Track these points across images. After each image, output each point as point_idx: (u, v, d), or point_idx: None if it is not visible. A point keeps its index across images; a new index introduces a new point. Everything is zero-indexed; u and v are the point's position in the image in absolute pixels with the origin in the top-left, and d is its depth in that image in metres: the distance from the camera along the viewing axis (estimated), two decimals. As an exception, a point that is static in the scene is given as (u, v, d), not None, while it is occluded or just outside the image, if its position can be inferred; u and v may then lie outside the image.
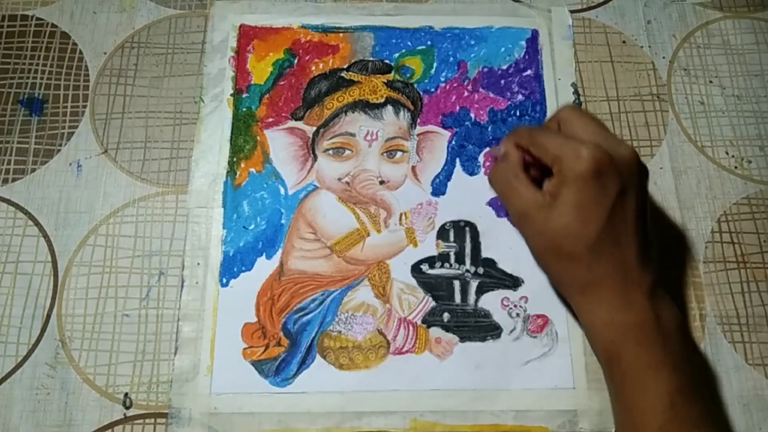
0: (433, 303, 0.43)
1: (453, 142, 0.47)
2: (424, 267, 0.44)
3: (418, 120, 0.47)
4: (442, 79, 0.49)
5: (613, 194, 0.35)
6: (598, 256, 0.36)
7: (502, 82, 0.49)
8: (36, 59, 0.49)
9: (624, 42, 0.50)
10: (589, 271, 0.36)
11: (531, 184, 0.38)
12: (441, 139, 0.47)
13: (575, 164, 0.35)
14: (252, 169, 0.46)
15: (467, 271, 0.44)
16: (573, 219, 0.36)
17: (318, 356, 0.42)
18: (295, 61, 0.49)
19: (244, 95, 0.48)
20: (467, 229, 0.45)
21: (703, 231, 0.45)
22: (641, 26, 0.51)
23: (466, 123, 0.48)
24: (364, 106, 0.48)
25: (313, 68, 0.49)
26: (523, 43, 0.50)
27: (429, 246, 0.44)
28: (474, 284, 0.43)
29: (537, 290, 0.43)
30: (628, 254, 0.36)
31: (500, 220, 0.45)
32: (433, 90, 0.48)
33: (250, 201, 0.45)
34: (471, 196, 0.45)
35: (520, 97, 0.48)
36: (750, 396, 0.41)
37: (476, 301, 0.43)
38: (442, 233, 0.45)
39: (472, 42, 0.50)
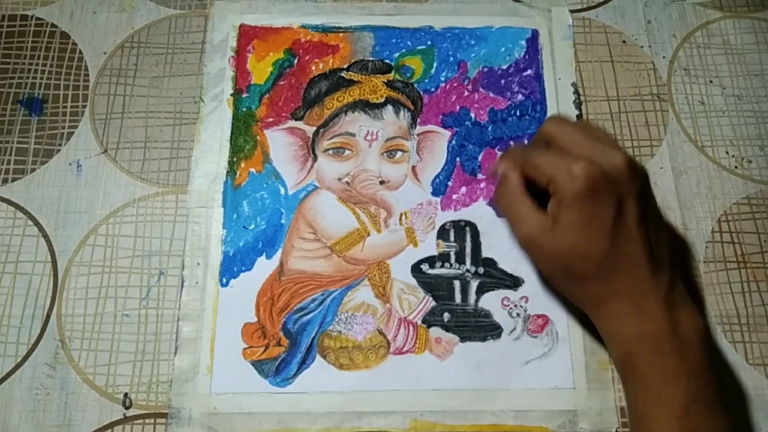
0: (434, 303, 0.43)
1: (453, 142, 0.47)
2: (425, 267, 0.44)
3: (418, 120, 0.47)
4: (442, 79, 0.49)
5: (613, 207, 0.35)
6: (609, 271, 0.35)
7: (502, 81, 0.49)
8: (36, 59, 0.49)
9: (624, 42, 0.50)
10: (602, 286, 0.36)
11: (533, 207, 0.37)
12: (441, 138, 0.47)
13: (569, 184, 0.35)
14: (252, 169, 0.46)
15: (467, 271, 0.44)
16: (578, 239, 0.35)
17: (318, 356, 0.42)
18: (295, 61, 0.49)
19: (244, 95, 0.48)
20: (467, 228, 0.45)
21: (703, 231, 0.45)
22: (641, 26, 0.51)
23: (467, 123, 0.47)
24: (364, 106, 0.48)
25: (313, 68, 0.49)
26: (523, 42, 0.50)
27: (429, 246, 0.44)
28: (474, 284, 0.43)
29: (537, 290, 0.43)
30: (638, 263, 0.35)
31: (500, 220, 0.45)
32: (433, 90, 0.48)
33: (250, 201, 0.45)
34: (471, 195, 0.46)
35: (520, 96, 0.48)
36: (750, 396, 0.41)
37: (476, 301, 0.43)
38: (442, 233, 0.45)
39: (472, 42, 0.50)
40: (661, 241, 0.37)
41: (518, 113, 0.48)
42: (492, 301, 0.43)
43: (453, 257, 0.44)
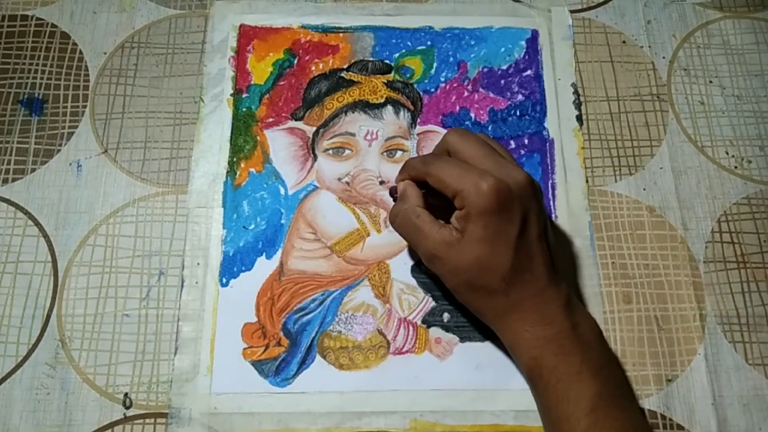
0: (433, 303, 0.43)
1: (453, 142, 0.47)
2: (424, 267, 0.44)
3: (418, 120, 0.48)
4: (442, 79, 0.49)
5: (518, 222, 0.36)
6: (512, 284, 0.36)
7: (502, 82, 0.49)
8: (36, 59, 0.49)
9: (624, 42, 0.50)
10: (506, 298, 0.37)
11: (435, 222, 0.38)
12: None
13: (478, 199, 0.35)
14: (252, 169, 0.46)
15: (467, 271, 0.44)
16: (483, 253, 0.36)
17: (318, 356, 0.42)
18: (295, 61, 0.49)
19: (244, 95, 0.48)
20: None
21: (703, 231, 0.45)
22: (641, 26, 0.51)
23: (466, 123, 0.48)
24: (364, 106, 0.48)
25: (313, 68, 0.49)
26: (523, 43, 0.50)
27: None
28: (474, 284, 0.43)
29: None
30: (540, 274, 0.37)
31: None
32: (433, 90, 0.48)
33: (250, 201, 0.45)
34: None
35: (520, 97, 0.48)
36: (750, 396, 0.41)
37: (476, 301, 0.43)
38: (442, 233, 0.45)
39: (472, 42, 0.50)
40: (557, 253, 0.39)
41: (518, 113, 0.48)
42: (492, 301, 0.43)
43: (453, 257, 0.44)
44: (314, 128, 0.47)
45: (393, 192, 0.42)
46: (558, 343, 0.36)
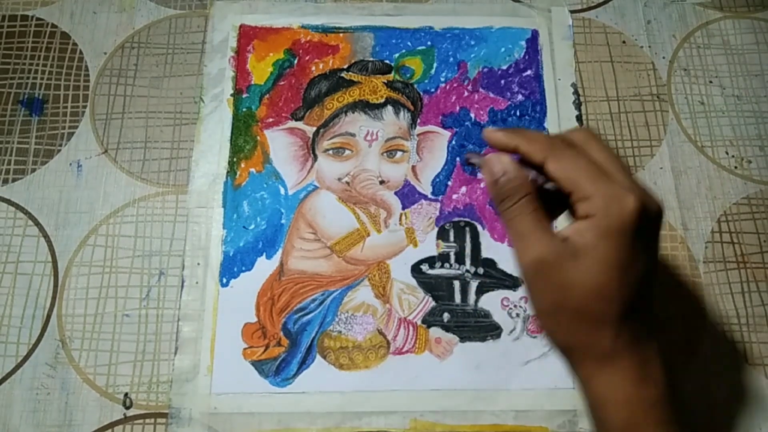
0: (433, 303, 0.43)
1: (453, 142, 0.47)
2: (424, 267, 0.44)
3: (418, 120, 0.47)
4: (442, 80, 0.49)
5: (654, 252, 0.31)
6: (626, 324, 0.30)
7: (502, 82, 0.49)
8: (36, 59, 0.49)
9: (624, 42, 0.50)
10: (614, 339, 0.30)
11: (550, 226, 0.31)
12: (441, 139, 0.47)
13: (618, 215, 0.29)
14: (252, 169, 0.46)
15: (467, 271, 0.44)
16: (609, 278, 0.29)
17: (318, 356, 0.42)
18: (295, 61, 0.49)
19: (244, 95, 0.48)
20: (467, 229, 0.45)
21: (703, 231, 0.45)
22: (641, 26, 0.51)
23: (466, 123, 0.48)
24: (364, 106, 0.48)
25: (313, 68, 0.49)
26: (523, 43, 0.50)
27: (429, 246, 0.44)
28: (474, 284, 0.43)
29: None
30: (651, 321, 0.31)
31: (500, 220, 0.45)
32: (433, 90, 0.48)
33: (250, 201, 0.45)
34: (471, 195, 0.46)
35: (520, 97, 0.48)
36: (750, 396, 0.41)
37: (476, 301, 0.43)
38: (442, 233, 0.45)
39: (472, 42, 0.50)
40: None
41: (518, 113, 0.48)
42: (492, 302, 0.43)
43: (453, 257, 0.44)
44: (314, 128, 0.47)
45: (468, 160, 0.34)
46: (661, 409, 0.30)
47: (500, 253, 0.44)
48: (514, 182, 0.32)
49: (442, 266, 0.44)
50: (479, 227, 0.45)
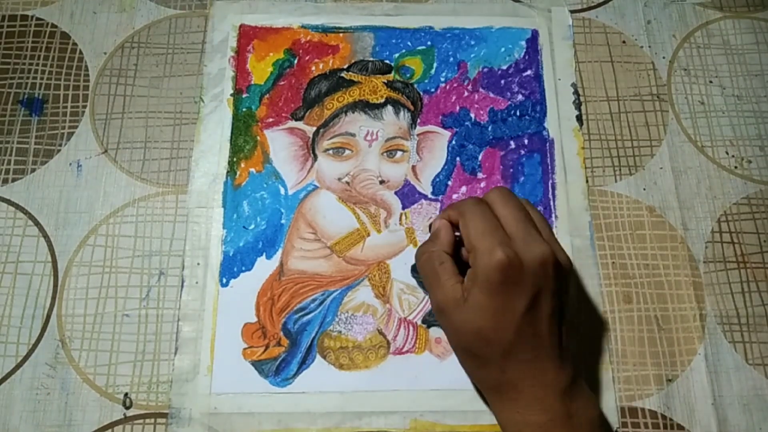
0: (433, 303, 0.43)
1: (453, 142, 0.47)
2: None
3: (418, 120, 0.47)
4: (442, 79, 0.49)
5: (526, 299, 0.34)
6: (511, 361, 0.35)
7: (502, 82, 0.49)
8: (36, 59, 0.49)
9: (624, 42, 0.50)
10: (502, 374, 0.35)
11: (454, 274, 0.36)
12: (441, 138, 0.47)
13: (486, 267, 0.34)
14: (252, 169, 0.46)
15: (467, 271, 0.44)
16: (485, 323, 0.34)
17: (318, 356, 0.42)
18: (295, 61, 0.49)
19: (244, 95, 0.48)
20: (467, 229, 0.45)
21: (703, 231, 0.45)
22: (641, 26, 0.51)
23: (466, 123, 0.48)
24: (364, 106, 0.48)
25: (313, 68, 0.49)
26: (523, 43, 0.50)
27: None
28: (474, 284, 0.43)
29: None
30: (543, 357, 0.35)
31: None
32: (433, 90, 0.48)
33: (250, 201, 0.45)
34: (471, 195, 0.46)
35: (520, 97, 0.48)
36: (750, 396, 0.41)
37: (476, 301, 0.43)
38: (442, 233, 0.45)
39: (472, 42, 0.50)
40: (569, 336, 0.36)
41: (518, 113, 0.48)
42: (492, 301, 0.43)
43: (453, 257, 0.44)
44: (314, 128, 0.47)
45: (430, 228, 0.40)
46: (546, 430, 0.34)
47: (500, 253, 0.44)
48: (431, 237, 0.39)
49: (442, 266, 0.44)
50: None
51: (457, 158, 0.46)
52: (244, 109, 0.47)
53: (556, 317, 0.35)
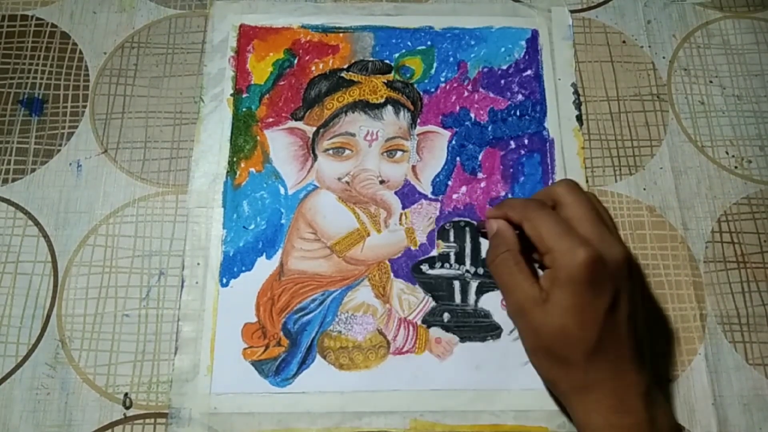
0: (433, 303, 0.43)
1: (453, 142, 0.47)
2: (424, 267, 0.44)
3: (418, 120, 0.47)
4: (442, 79, 0.49)
5: (608, 299, 0.34)
6: (594, 361, 0.35)
7: (502, 82, 0.49)
8: (36, 59, 0.49)
9: (624, 42, 0.50)
10: (585, 375, 0.35)
11: (530, 275, 0.36)
12: (441, 138, 0.47)
13: (570, 266, 0.34)
14: (252, 169, 0.46)
15: (467, 271, 0.44)
16: (568, 323, 0.34)
17: (318, 356, 0.42)
18: (295, 61, 0.49)
19: (244, 95, 0.48)
20: (467, 229, 0.45)
21: (703, 231, 0.45)
22: (641, 26, 0.51)
23: (466, 123, 0.48)
24: (364, 106, 0.48)
25: (313, 68, 0.49)
26: (523, 43, 0.50)
27: (429, 246, 0.44)
28: (474, 284, 0.43)
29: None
30: (623, 358, 0.35)
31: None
32: (433, 90, 0.48)
33: (250, 201, 0.45)
34: (471, 195, 0.46)
35: (520, 97, 0.48)
36: (750, 396, 0.41)
37: (476, 301, 0.43)
38: (442, 233, 0.45)
39: (472, 42, 0.50)
40: (645, 341, 0.37)
41: (518, 113, 0.48)
42: (492, 302, 0.43)
43: (453, 257, 0.44)
44: (314, 128, 0.47)
45: (481, 227, 0.40)
46: None
47: (500, 253, 0.44)
48: (497, 239, 0.39)
49: (442, 266, 0.44)
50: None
51: (457, 158, 0.46)
52: (244, 109, 0.47)
53: (633, 319, 0.36)
